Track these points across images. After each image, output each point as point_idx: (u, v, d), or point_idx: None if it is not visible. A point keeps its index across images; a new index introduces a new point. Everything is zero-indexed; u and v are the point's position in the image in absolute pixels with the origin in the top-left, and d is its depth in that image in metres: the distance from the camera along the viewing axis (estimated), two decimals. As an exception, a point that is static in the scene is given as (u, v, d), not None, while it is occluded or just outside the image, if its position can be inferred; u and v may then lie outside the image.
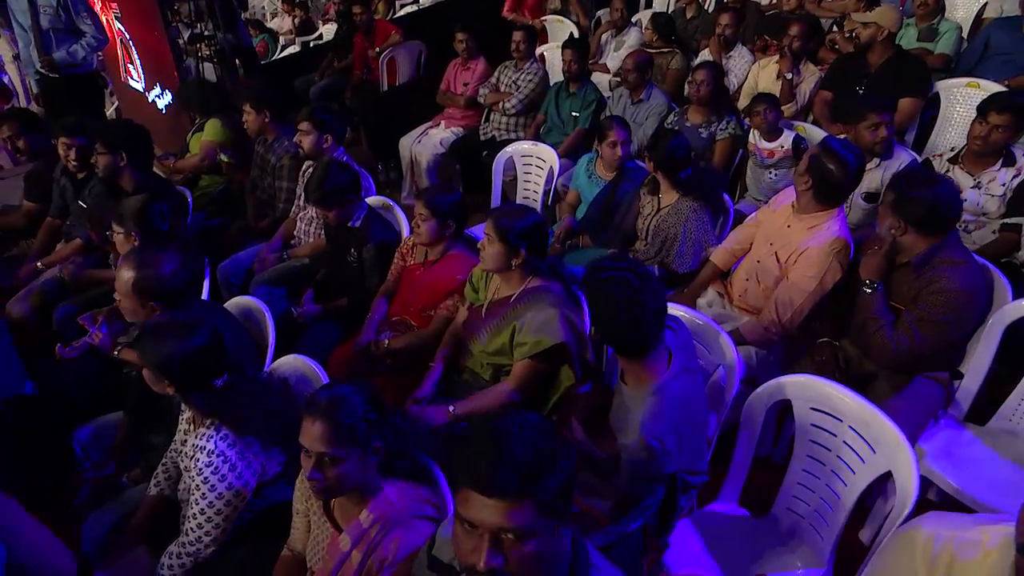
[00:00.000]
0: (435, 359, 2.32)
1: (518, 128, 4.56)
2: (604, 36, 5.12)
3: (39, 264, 3.25)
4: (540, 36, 5.43)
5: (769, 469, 2.19)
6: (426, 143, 4.76)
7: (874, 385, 2.33)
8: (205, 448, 1.67)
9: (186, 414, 1.92)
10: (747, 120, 3.58)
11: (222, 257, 3.33)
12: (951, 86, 3.78)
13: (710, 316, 2.66)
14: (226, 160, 3.79)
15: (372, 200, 3.04)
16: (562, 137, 4.29)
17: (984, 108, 2.78)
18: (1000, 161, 2.84)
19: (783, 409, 2.04)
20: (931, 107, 3.87)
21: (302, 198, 3.31)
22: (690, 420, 1.75)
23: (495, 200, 3.91)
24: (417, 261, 2.62)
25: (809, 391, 1.87)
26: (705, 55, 4.47)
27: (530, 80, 4.46)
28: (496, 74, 4.68)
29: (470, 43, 4.70)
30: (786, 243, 2.50)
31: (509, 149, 3.82)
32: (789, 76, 3.93)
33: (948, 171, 2.96)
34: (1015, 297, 2.30)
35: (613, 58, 4.95)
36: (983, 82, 3.70)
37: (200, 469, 1.65)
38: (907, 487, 1.62)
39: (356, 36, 5.45)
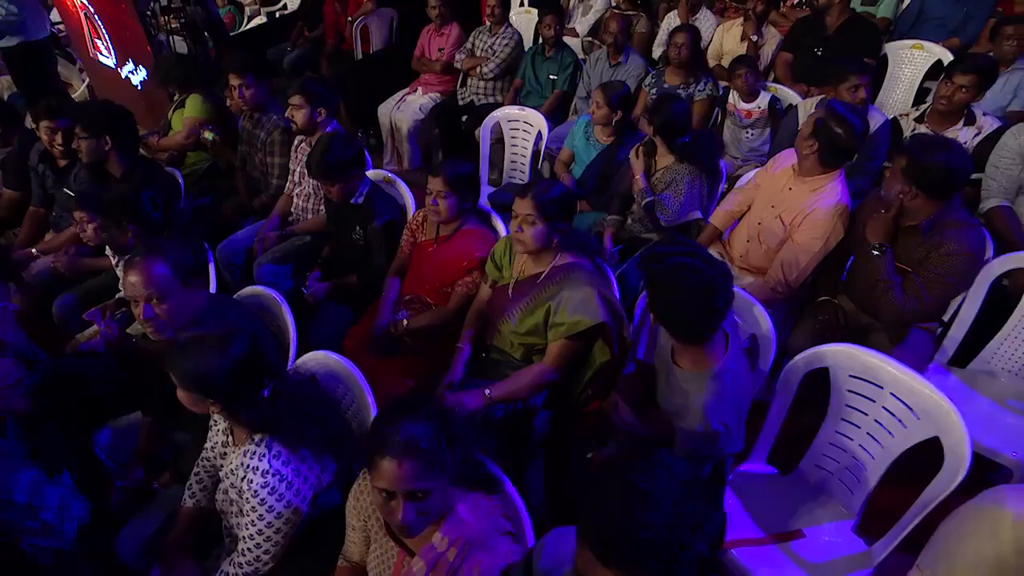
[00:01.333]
0: (461, 340, 2.02)
1: (496, 92, 4.13)
2: (571, 0, 4.65)
3: (34, 251, 2.75)
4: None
5: (792, 428, 2.01)
6: (405, 110, 4.29)
7: (872, 337, 2.17)
8: (259, 468, 1.36)
9: (221, 424, 1.58)
10: (723, 83, 3.28)
11: (217, 238, 2.89)
12: (898, 48, 3.56)
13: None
14: (211, 137, 3.26)
15: (372, 174, 2.63)
16: (541, 100, 3.91)
17: (950, 69, 2.57)
18: (962, 120, 2.65)
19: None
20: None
21: (296, 173, 2.87)
22: (747, 398, 1.53)
23: (483, 164, 3.53)
24: (429, 237, 2.28)
25: (851, 361, 1.68)
26: (671, 18, 4.08)
27: (506, 45, 4.01)
28: (471, 39, 4.19)
29: (443, 9, 4.18)
30: (789, 205, 2.27)
31: (497, 114, 3.41)
32: (755, 39, 3.62)
33: (914, 129, 2.77)
34: (996, 253, 2.17)
35: (581, 22, 4.52)
36: (926, 44, 3.51)
37: (255, 491, 1.34)
38: (959, 454, 1.45)
39: (326, 4, 4.80)
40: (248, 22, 5.71)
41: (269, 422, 1.39)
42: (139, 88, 4.00)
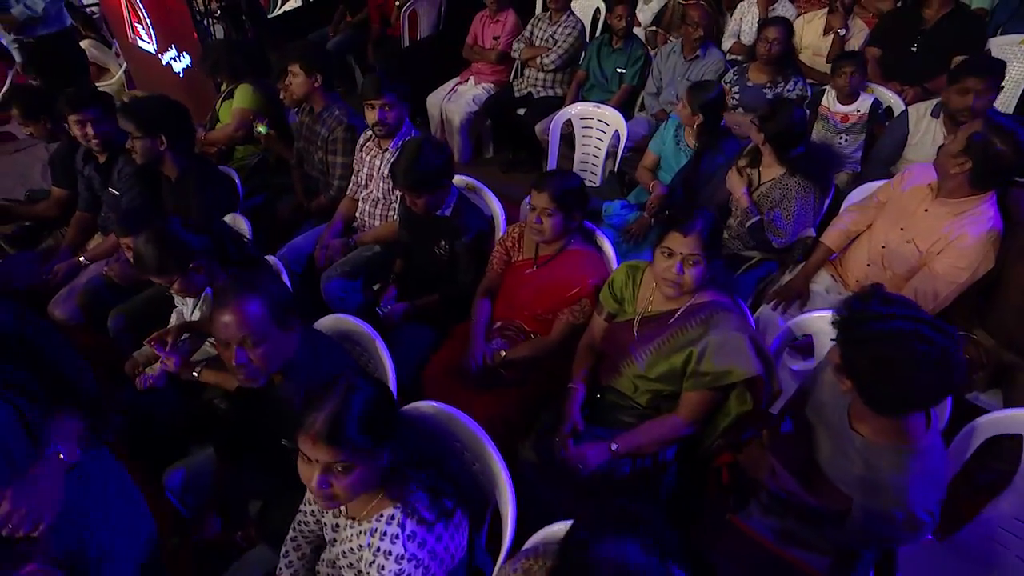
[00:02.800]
0: (574, 379, 1.74)
1: (555, 84, 3.79)
2: None
3: (82, 259, 2.47)
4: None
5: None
6: (457, 100, 3.95)
7: (1018, 377, 1.89)
8: (392, 553, 1.11)
9: None
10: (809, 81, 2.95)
11: (273, 240, 2.60)
12: (1004, 44, 3.18)
13: (828, 303, 2.18)
14: (264, 131, 2.95)
15: (456, 181, 2.33)
16: (605, 94, 3.58)
17: None
18: None
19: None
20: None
21: (362, 175, 2.57)
22: (946, 480, 1.26)
23: (551, 164, 3.22)
24: (527, 257, 1.99)
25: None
26: (744, 8, 3.71)
27: (568, 34, 3.65)
28: (529, 27, 3.84)
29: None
30: (925, 230, 1.97)
31: (570, 110, 3.09)
32: (842, 32, 3.25)
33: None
34: None
35: (643, 11, 4.14)
36: (1036, 38, 3.13)
37: None
38: None
39: (370, -15, 4.42)
40: (282, 5, 5.32)
41: (396, 487, 1.14)
42: (181, 76, 3.67)
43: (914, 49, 3.18)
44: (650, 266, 1.69)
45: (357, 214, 2.60)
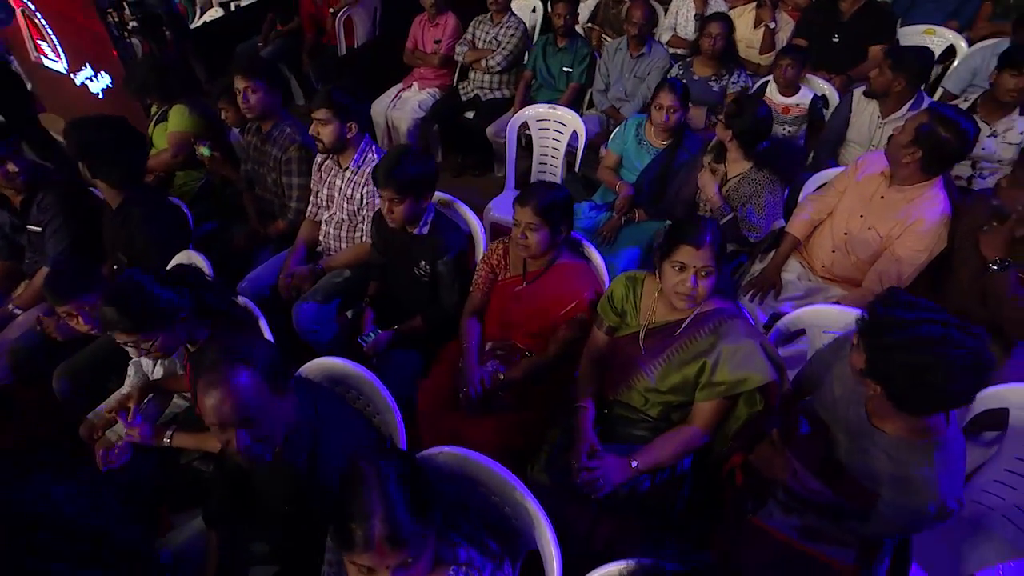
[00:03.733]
0: (581, 398, 1.67)
1: (502, 86, 3.67)
2: None
3: (11, 308, 2.14)
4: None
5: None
6: (402, 107, 3.75)
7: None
8: None
9: None
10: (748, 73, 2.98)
11: (232, 271, 2.36)
12: (910, 33, 3.35)
13: (799, 289, 2.20)
14: (208, 154, 2.67)
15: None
16: (553, 93, 3.49)
17: (1020, 61, 2.34)
18: (1017, 110, 2.45)
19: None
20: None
21: (322, 196, 2.36)
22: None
23: (510, 169, 3.10)
24: (514, 274, 1.88)
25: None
26: (678, 3, 3.70)
27: (512, 35, 3.54)
28: (471, 30, 3.69)
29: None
30: (883, 216, 2.03)
31: (527, 112, 2.98)
32: (771, 25, 3.32)
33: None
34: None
35: (581, 9, 4.06)
36: (938, 28, 3.33)
37: None
38: None
39: (301, -8, 4.11)
40: (201, 15, 4.87)
41: (449, 547, 1.02)
42: (101, 97, 3.26)
43: (836, 40, 3.29)
44: (649, 276, 1.63)
45: (321, 237, 2.40)
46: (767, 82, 2.92)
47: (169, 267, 1.61)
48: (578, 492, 1.52)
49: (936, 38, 3.28)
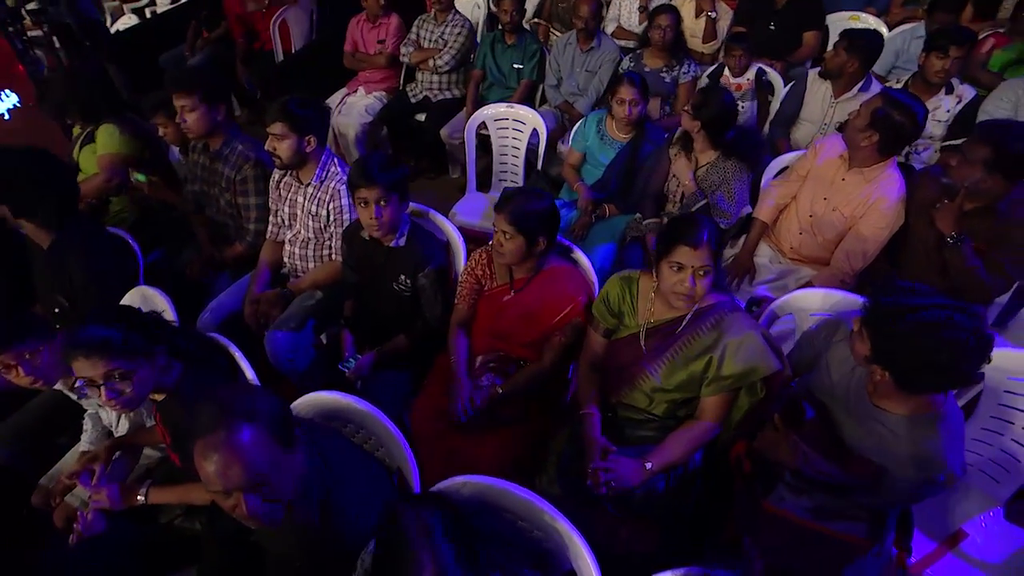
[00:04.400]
0: (585, 404, 1.62)
1: (451, 86, 3.56)
2: None
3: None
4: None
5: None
6: (348, 113, 3.57)
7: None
8: None
9: None
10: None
11: (189, 303, 2.14)
12: (838, 19, 3.50)
13: (772, 272, 2.24)
14: (145, 179, 2.42)
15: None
16: (505, 91, 3.42)
17: (945, 43, 2.46)
18: (943, 89, 2.59)
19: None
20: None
21: (283, 214, 2.19)
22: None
23: (471, 171, 3.00)
24: (501, 283, 1.81)
25: (1012, 362, 1.51)
26: (619, -5, 3.69)
27: (458, 33, 3.42)
28: (415, 29, 3.54)
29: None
30: (846, 197, 2.10)
31: (486, 111, 2.89)
32: (712, 15, 3.36)
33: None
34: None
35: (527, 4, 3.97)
36: (862, 15, 3.48)
37: None
38: None
39: (227, -1, 3.80)
40: (114, 23, 4.46)
41: None
42: (7, 118, 2.90)
43: (772, 28, 3.38)
44: (643, 275, 1.60)
45: (286, 259, 2.23)
46: (722, 65, 2.99)
47: (123, 309, 1.42)
48: (593, 498, 1.47)
49: (860, 24, 3.42)
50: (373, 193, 1.69)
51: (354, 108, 3.60)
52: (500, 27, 3.36)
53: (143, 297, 1.80)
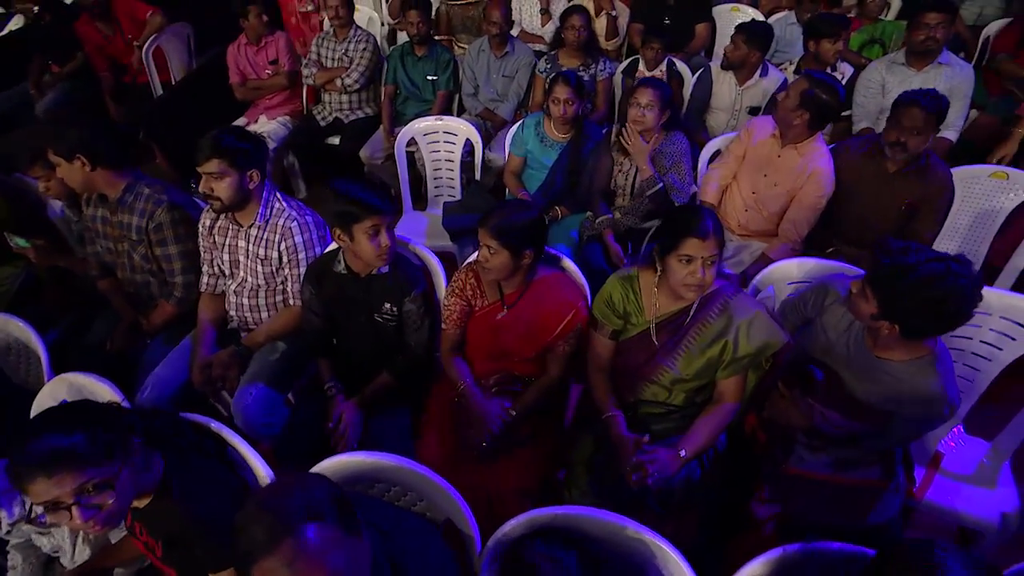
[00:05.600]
0: (607, 407, 1.60)
1: (363, 104, 3.41)
2: None
3: None
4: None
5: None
6: (251, 144, 3.26)
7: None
8: None
9: None
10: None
11: (121, 383, 1.83)
12: (722, 11, 3.78)
13: (729, 249, 2.37)
14: (25, 244, 2.04)
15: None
16: (421, 104, 3.33)
17: (837, 30, 2.75)
18: (829, 68, 2.88)
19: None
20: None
21: (222, 261, 1.94)
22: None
23: (404, 188, 2.87)
24: (492, 301, 1.73)
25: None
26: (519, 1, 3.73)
27: (364, 49, 3.28)
28: (314, 49, 3.36)
29: (267, 17, 3.22)
30: (784, 172, 2.27)
31: (416, 125, 2.78)
32: (614, 13, 3.51)
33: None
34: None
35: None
36: (741, 6, 3.79)
37: None
38: None
39: (81, 26, 3.31)
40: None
41: None
42: None
43: (667, 22, 3.59)
44: (642, 272, 1.61)
45: (232, 312, 1.98)
46: (637, 60, 3.15)
47: (74, 406, 1.16)
48: (632, 500, 1.45)
49: (741, 14, 3.75)
50: (385, 221, 1.58)
51: (257, 138, 3.31)
52: (408, 39, 3.26)
53: (72, 387, 1.49)
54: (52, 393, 1.51)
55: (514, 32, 3.78)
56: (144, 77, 3.39)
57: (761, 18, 3.73)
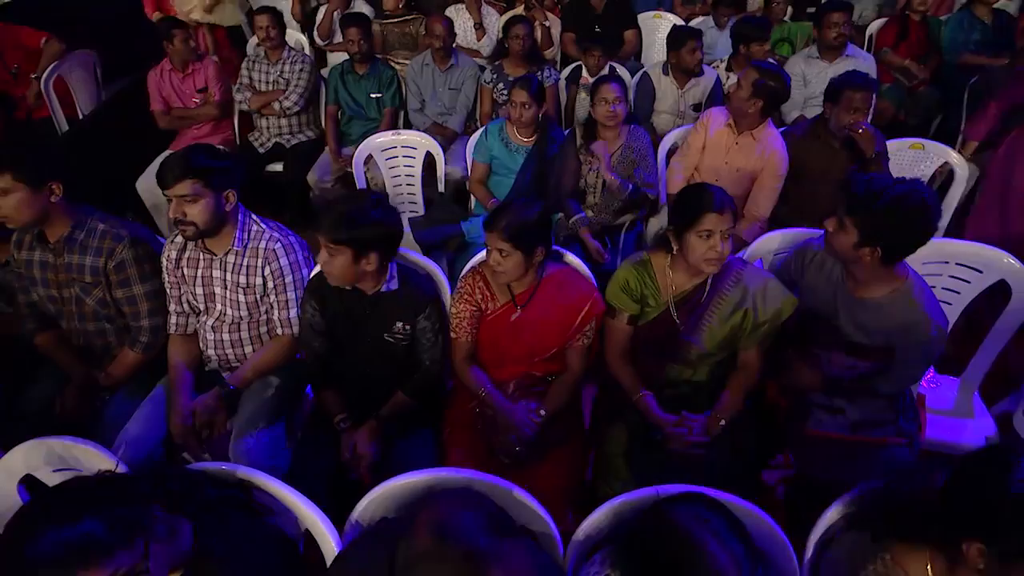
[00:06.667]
0: (635, 391, 1.62)
1: (304, 127, 3.29)
2: (334, 15, 3.83)
3: None
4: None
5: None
6: (182, 177, 3.03)
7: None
8: None
9: None
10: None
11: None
12: (645, 19, 4.00)
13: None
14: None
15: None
16: (367, 123, 3.27)
17: (764, 34, 3.06)
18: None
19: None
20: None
21: (191, 297, 1.78)
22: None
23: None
24: (503, 303, 1.70)
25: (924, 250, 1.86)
26: (453, 12, 3.74)
27: (301, 70, 3.17)
28: (245, 72, 3.21)
29: (192, 42, 3.04)
30: (744, 158, 2.44)
31: (374, 141, 2.72)
32: (547, 23, 3.64)
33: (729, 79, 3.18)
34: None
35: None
36: (664, 13, 4.05)
37: None
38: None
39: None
40: None
41: None
42: None
43: (597, 30, 3.76)
44: (653, 255, 1.65)
45: (209, 351, 1.80)
46: (580, 66, 3.28)
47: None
48: (673, 471, 1.46)
49: (663, 20, 4.00)
50: (338, 247, 1.49)
51: (188, 170, 3.07)
52: (347, 59, 3.18)
53: (52, 455, 1.27)
54: (28, 458, 1.29)
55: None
56: (43, 112, 3.05)
57: (681, 23, 4.01)
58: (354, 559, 0.98)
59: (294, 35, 3.70)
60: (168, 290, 1.78)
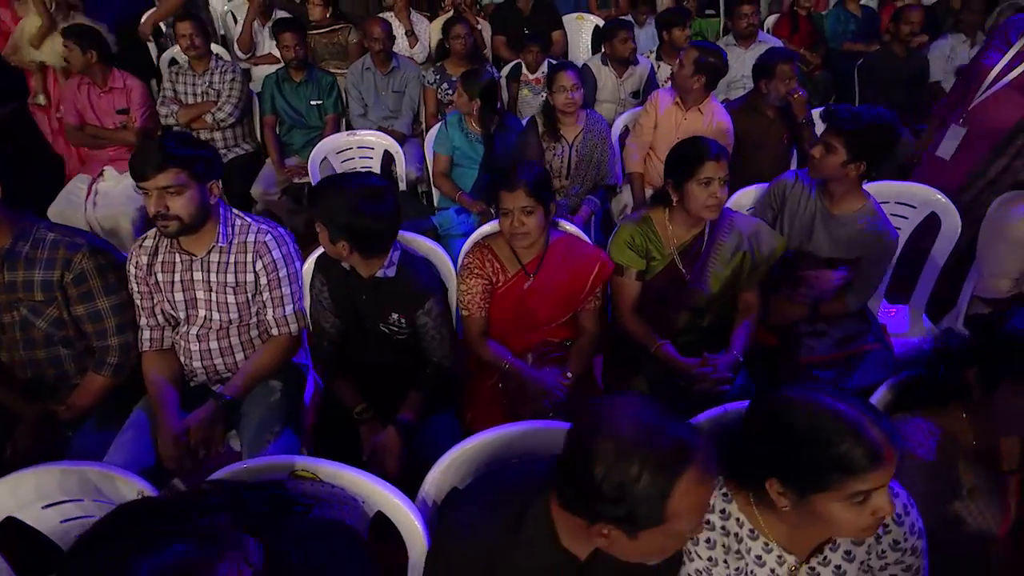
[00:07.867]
0: (651, 342, 1.66)
1: (241, 139, 3.14)
2: (254, 25, 3.66)
3: None
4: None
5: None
6: (108, 203, 2.82)
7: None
8: None
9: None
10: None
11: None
12: (569, 20, 4.19)
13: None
14: None
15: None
16: (308, 131, 3.17)
17: (684, 20, 3.29)
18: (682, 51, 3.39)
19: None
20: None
21: (171, 305, 1.61)
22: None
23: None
24: (513, 272, 1.69)
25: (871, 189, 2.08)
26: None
27: (231, 79, 3.02)
28: (168, 85, 3.01)
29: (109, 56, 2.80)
30: (694, 131, 2.53)
31: (328, 144, 2.63)
32: (479, 27, 3.72)
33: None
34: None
35: (274, 47, 3.67)
36: (586, 15, 4.26)
37: None
38: (952, 216, 2.01)
39: None
40: None
41: None
42: None
43: (526, 32, 3.88)
44: (652, 211, 1.72)
45: (194, 363, 1.63)
46: (520, 64, 3.37)
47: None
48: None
49: (585, 22, 4.21)
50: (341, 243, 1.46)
51: (112, 195, 2.82)
52: (283, 66, 3.06)
53: (87, 485, 1.08)
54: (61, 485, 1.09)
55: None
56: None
57: (602, 23, 4.24)
58: (466, 527, 0.94)
59: (216, 49, 3.50)
60: (138, 301, 1.59)
